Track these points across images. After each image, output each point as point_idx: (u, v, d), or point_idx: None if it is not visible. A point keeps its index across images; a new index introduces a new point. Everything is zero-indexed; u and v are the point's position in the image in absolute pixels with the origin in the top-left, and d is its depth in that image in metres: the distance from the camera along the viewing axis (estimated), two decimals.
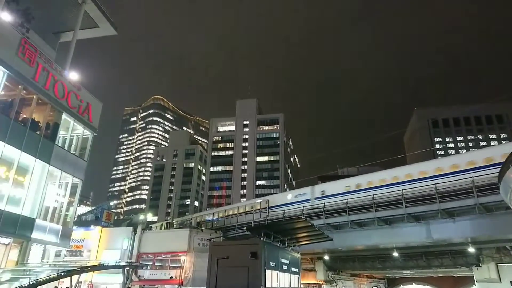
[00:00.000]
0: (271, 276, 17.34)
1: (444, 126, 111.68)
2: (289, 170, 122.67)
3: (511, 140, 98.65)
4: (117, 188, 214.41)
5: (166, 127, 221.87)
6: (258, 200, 37.26)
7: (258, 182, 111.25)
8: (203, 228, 35.08)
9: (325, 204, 27.72)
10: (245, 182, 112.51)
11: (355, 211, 25.29)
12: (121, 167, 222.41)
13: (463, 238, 23.24)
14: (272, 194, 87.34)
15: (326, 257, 32.36)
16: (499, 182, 14.12)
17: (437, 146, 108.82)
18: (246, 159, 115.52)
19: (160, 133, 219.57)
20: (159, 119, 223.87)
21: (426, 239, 22.98)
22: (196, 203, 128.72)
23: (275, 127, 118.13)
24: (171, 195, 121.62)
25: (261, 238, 18.07)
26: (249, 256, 16.23)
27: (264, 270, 16.46)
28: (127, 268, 28.73)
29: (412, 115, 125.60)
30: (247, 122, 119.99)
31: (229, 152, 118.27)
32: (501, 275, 24.68)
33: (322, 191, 31.02)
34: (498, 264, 24.96)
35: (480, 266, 25.97)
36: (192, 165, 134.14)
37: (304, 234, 21.25)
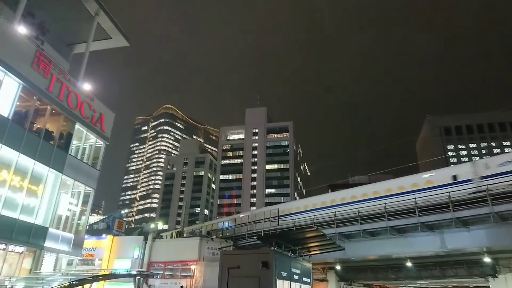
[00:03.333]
0: (282, 286, 17.17)
1: (457, 133, 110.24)
2: (299, 178, 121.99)
3: None
4: (128, 197, 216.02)
5: (177, 136, 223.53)
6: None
7: (268, 191, 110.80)
8: (213, 237, 34.98)
9: (336, 212, 27.47)
10: (254, 191, 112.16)
11: (367, 220, 24.99)
12: (132, 175, 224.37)
13: (478, 247, 22.71)
14: (282, 202, 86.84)
15: (338, 267, 31.89)
16: None
17: (450, 153, 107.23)
18: (255, 167, 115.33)
19: (171, 142, 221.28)
20: (169, 128, 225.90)
21: (440, 248, 22.55)
22: (206, 211, 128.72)
23: (285, 135, 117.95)
24: (181, 204, 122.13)
25: (272, 248, 17.94)
26: (260, 266, 16.12)
27: (275, 280, 16.31)
28: (138, 277, 28.74)
29: (424, 123, 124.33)
30: (257, 130, 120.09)
31: (239, 161, 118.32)
32: None
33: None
34: None
35: (497, 277, 25.26)
36: (202, 173, 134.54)
37: (315, 244, 21.03)
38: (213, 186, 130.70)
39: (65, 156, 20.12)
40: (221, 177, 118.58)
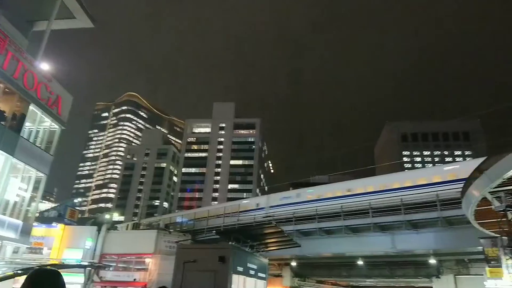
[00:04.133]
0: (237, 281, 17.28)
1: (413, 140, 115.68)
2: (262, 175, 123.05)
3: (475, 157, 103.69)
4: (83, 185, 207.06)
5: (139, 125, 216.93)
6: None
7: (231, 186, 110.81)
8: (171, 230, 34.50)
9: (296, 210, 28.09)
10: (217, 185, 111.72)
11: (324, 219, 25.75)
12: (89, 163, 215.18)
13: (425, 249, 24.16)
14: (244, 198, 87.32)
15: (294, 263, 32.60)
16: (462, 198, 14.77)
17: (405, 159, 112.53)
18: (220, 162, 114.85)
19: (133, 130, 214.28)
20: (132, 117, 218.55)
21: (390, 249, 23.71)
22: (165, 204, 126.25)
23: (251, 131, 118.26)
24: (140, 195, 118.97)
25: (230, 243, 17.99)
26: (217, 260, 16.11)
27: (231, 274, 16.38)
28: (89, 269, 27.79)
29: (383, 128, 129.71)
30: (223, 125, 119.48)
31: (203, 154, 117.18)
32: (458, 287, 25.72)
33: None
34: (456, 276, 25.99)
35: (440, 278, 26.93)
36: (164, 165, 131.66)
37: (274, 240, 21.36)
38: (175, 179, 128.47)
39: (16, 138, 18.89)
40: (184, 170, 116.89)
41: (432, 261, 25.52)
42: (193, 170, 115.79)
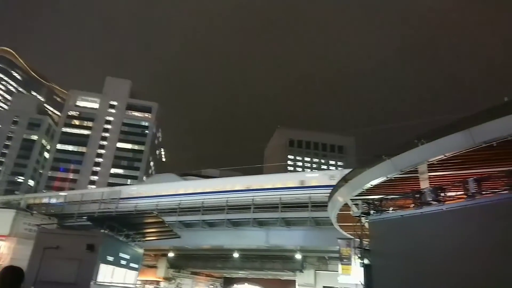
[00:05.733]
0: (105, 271, 16.21)
1: (298, 146, 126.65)
2: (152, 163, 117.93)
3: (346, 167, 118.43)
4: None
5: (10, 87, 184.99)
6: None
7: (114, 170, 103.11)
8: (34, 211, 30.52)
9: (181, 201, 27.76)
10: (98, 168, 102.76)
11: (209, 212, 26.14)
12: None
13: (294, 246, 26.53)
14: (128, 184, 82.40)
15: (171, 254, 32.19)
16: (328, 201, 16.62)
17: (289, 162, 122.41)
18: (105, 142, 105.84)
19: (1, 92, 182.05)
20: (2, 76, 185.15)
21: (264, 243, 25.45)
22: (31, 182, 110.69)
23: (147, 115, 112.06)
24: (0, 169, 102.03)
25: (102, 230, 16.76)
26: (84, 248, 14.83)
27: (99, 264, 15.27)
28: None
29: (275, 131, 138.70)
30: (115, 103, 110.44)
31: (86, 132, 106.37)
32: (317, 281, 28.98)
33: None
34: (316, 271, 29.26)
35: (303, 272, 29.93)
36: (35, 137, 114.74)
37: (153, 230, 20.72)
38: (46, 155, 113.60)
39: None
40: (59, 146, 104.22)
41: (298, 256, 28.19)
42: (70, 147, 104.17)
